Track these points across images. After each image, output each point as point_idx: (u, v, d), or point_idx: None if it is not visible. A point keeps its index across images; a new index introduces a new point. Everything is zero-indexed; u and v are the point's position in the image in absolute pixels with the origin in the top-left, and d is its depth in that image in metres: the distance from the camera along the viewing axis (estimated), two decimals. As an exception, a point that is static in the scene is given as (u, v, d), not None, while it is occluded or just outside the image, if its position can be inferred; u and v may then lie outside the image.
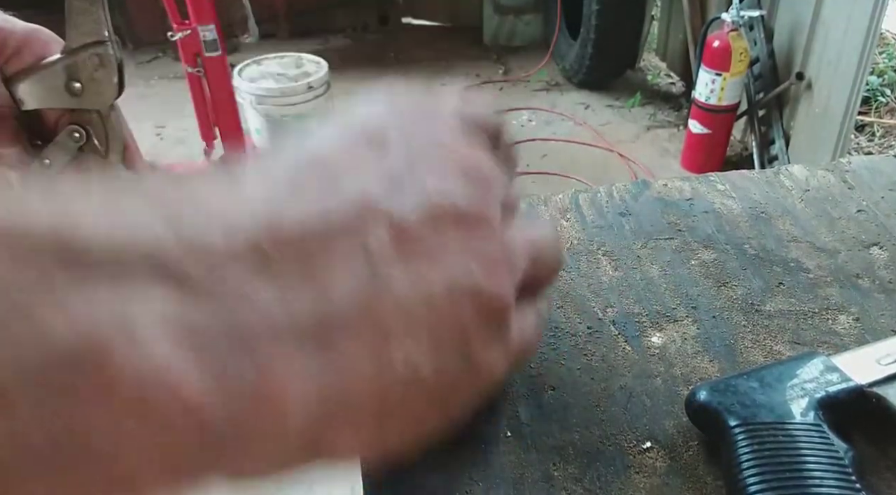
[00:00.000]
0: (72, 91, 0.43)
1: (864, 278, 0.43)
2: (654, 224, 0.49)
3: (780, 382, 0.33)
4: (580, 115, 2.97)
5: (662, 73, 3.31)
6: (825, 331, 0.40)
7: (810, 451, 0.30)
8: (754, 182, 0.53)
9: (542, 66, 3.30)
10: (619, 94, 3.12)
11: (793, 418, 0.31)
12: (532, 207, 0.51)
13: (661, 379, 0.37)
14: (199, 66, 2.23)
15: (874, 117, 2.88)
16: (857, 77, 2.05)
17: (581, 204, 0.51)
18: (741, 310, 0.41)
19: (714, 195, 0.51)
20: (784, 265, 0.45)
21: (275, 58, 2.64)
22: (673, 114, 2.98)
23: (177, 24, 2.16)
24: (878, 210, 0.49)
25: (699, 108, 2.44)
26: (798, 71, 2.30)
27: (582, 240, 0.47)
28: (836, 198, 0.51)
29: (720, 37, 2.31)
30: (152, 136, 2.79)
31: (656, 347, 0.39)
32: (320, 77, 2.54)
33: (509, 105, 3.03)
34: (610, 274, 0.44)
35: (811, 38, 2.25)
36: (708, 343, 0.39)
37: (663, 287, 0.43)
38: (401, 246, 0.20)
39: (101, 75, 0.43)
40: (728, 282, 0.43)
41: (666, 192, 0.52)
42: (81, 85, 0.43)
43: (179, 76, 2.96)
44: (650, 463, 0.33)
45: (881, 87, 2.97)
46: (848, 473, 0.29)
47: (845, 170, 0.54)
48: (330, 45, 3.59)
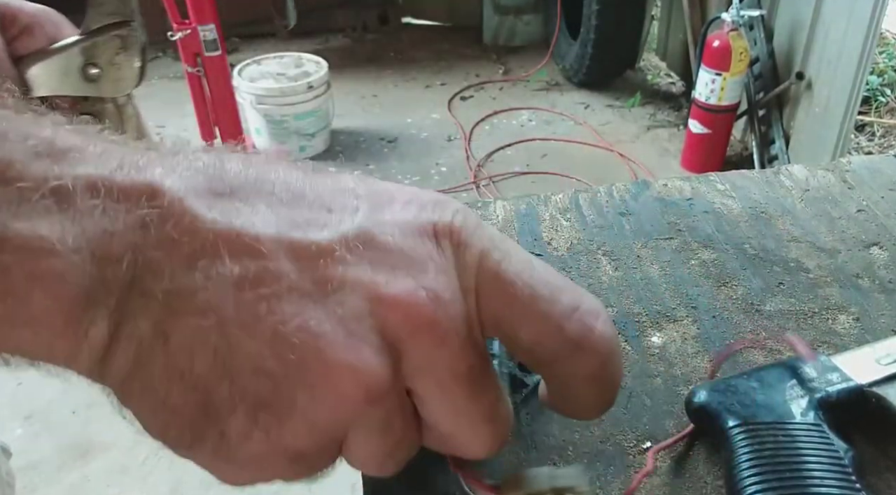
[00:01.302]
0: (88, 77, 0.39)
1: (864, 278, 0.43)
2: (653, 224, 0.49)
3: (779, 382, 0.33)
4: (580, 114, 2.97)
5: (662, 72, 3.31)
6: (825, 331, 0.40)
7: (810, 451, 0.30)
8: (754, 182, 0.53)
9: (542, 65, 3.30)
10: (619, 93, 3.12)
11: (793, 418, 0.31)
12: (532, 207, 0.51)
13: (661, 379, 0.37)
14: (199, 65, 2.23)
15: (874, 117, 2.88)
16: (857, 77, 2.05)
17: (581, 204, 0.51)
18: (741, 309, 0.41)
19: (714, 195, 0.51)
20: (784, 265, 0.45)
21: (275, 57, 2.64)
22: (673, 113, 2.98)
23: (177, 23, 2.16)
24: (878, 210, 0.49)
25: (699, 108, 2.44)
26: (798, 70, 2.30)
27: (582, 239, 0.47)
28: (835, 198, 0.51)
29: (720, 36, 2.31)
30: (153, 136, 2.79)
31: (656, 347, 0.39)
32: (320, 77, 2.54)
33: (509, 105, 3.03)
34: (610, 273, 0.44)
35: (811, 38, 2.25)
36: (708, 343, 0.39)
37: (663, 287, 0.43)
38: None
39: (122, 59, 0.39)
40: (728, 281, 0.43)
41: (666, 192, 0.52)
42: (100, 70, 0.39)
43: (179, 76, 2.96)
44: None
45: (881, 87, 2.98)
46: (848, 473, 0.29)
47: (845, 170, 0.54)
48: (330, 45, 3.59)
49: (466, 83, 3.22)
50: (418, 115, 2.98)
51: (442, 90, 3.18)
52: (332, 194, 0.22)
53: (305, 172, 0.23)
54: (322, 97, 2.56)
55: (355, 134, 2.83)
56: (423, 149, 2.74)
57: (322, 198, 0.22)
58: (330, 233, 0.21)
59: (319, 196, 0.22)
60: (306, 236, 0.21)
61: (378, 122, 2.93)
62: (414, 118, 2.95)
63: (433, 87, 3.22)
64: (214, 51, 2.22)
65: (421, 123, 2.92)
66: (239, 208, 0.20)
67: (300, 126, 2.55)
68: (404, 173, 2.58)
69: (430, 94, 3.15)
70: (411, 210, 0.23)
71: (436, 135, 2.83)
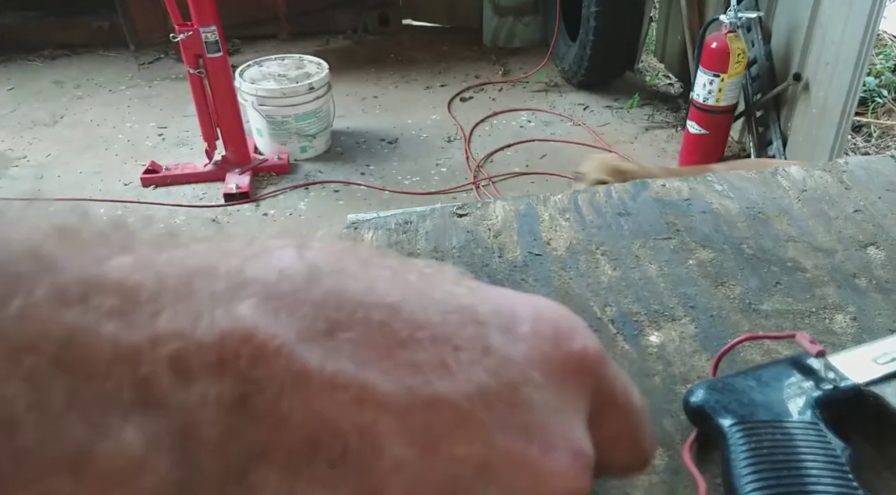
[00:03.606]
0: None
1: (861, 278, 0.44)
2: (652, 224, 0.49)
3: (777, 381, 0.33)
4: (579, 115, 2.97)
5: (661, 74, 3.32)
6: (822, 331, 0.40)
7: (807, 450, 0.30)
8: (752, 182, 0.53)
9: (541, 67, 3.30)
10: (618, 95, 3.12)
11: (790, 417, 0.31)
12: (531, 207, 0.51)
13: (660, 378, 0.37)
14: (200, 67, 2.24)
15: (871, 118, 2.89)
16: (854, 78, 2.05)
17: (580, 204, 0.51)
18: (739, 309, 0.41)
19: (712, 195, 0.52)
20: (781, 265, 0.45)
21: (276, 59, 2.64)
22: (671, 114, 2.98)
23: (179, 25, 2.16)
24: (874, 210, 0.50)
25: (697, 109, 2.44)
26: (795, 72, 2.31)
27: (581, 239, 0.48)
28: (833, 198, 0.51)
29: (718, 38, 2.31)
30: (154, 137, 2.79)
31: (655, 346, 0.39)
32: (321, 78, 2.54)
33: (508, 106, 3.03)
34: (609, 273, 0.44)
35: (809, 40, 2.26)
36: (706, 342, 0.39)
37: (661, 286, 0.43)
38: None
39: None
40: (726, 281, 0.44)
41: (664, 193, 0.52)
42: None
43: (181, 77, 2.96)
44: (649, 461, 0.33)
45: (878, 88, 2.98)
46: (845, 471, 0.29)
47: (842, 171, 0.54)
48: (331, 47, 3.59)
49: (466, 84, 3.23)
50: (418, 115, 2.98)
51: (442, 91, 3.18)
52: (451, 319, 0.17)
53: (404, 277, 0.18)
54: (323, 98, 2.57)
55: (356, 134, 2.84)
56: (423, 149, 2.74)
57: (441, 326, 0.17)
58: (463, 386, 0.16)
59: (436, 324, 0.17)
60: (436, 392, 0.16)
61: (378, 122, 2.93)
62: (414, 119, 2.95)
63: (433, 88, 3.23)
64: (216, 52, 2.22)
65: (421, 124, 2.92)
66: (351, 352, 0.16)
67: (301, 127, 2.55)
68: (404, 174, 2.58)
69: (430, 95, 3.16)
70: (546, 338, 0.18)
71: (436, 136, 2.83)
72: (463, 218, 0.50)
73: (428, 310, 0.17)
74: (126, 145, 2.77)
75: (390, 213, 0.51)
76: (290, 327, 0.15)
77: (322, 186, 2.49)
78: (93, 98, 3.12)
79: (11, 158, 2.67)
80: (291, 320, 0.15)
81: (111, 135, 2.82)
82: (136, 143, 2.78)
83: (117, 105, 3.06)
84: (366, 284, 0.17)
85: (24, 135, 2.82)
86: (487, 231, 0.49)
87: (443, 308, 0.17)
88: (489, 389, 0.16)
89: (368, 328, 0.16)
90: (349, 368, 0.15)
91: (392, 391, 0.15)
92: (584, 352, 0.19)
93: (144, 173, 2.48)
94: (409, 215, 0.51)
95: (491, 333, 0.18)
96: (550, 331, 0.19)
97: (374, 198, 2.43)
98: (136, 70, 3.38)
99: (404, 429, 0.15)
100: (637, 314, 0.41)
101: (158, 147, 2.76)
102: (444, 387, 0.16)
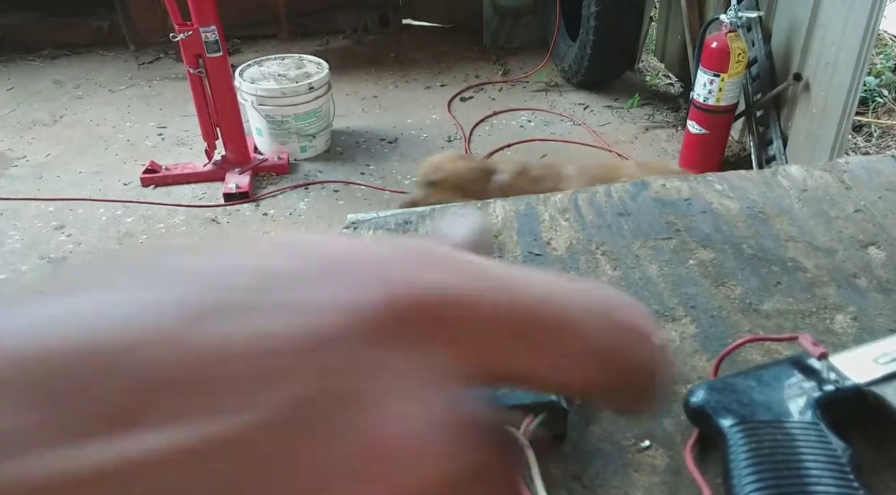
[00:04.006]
0: None
1: (861, 277, 0.44)
2: (652, 224, 0.49)
3: (777, 381, 0.33)
4: (579, 115, 2.97)
5: (661, 73, 3.32)
6: (823, 331, 0.40)
7: (808, 450, 0.30)
8: (752, 182, 0.53)
9: (541, 67, 3.30)
10: (618, 94, 3.12)
11: (790, 417, 0.31)
12: (531, 207, 0.51)
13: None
14: (200, 66, 2.24)
15: (871, 118, 2.89)
16: (854, 78, 2.05)
17: (580, 204, 0.51)
18: (739, 309, 0.41)
19: (712, 195, 0.52)
20: (782, 264, 0.45)
21: (276, 59, 2.64)
22: (671, 114, 2.98)
23: (178, 24, 2.16)
24: (875, 210, 0.50)
25: (697, 109, 2.44)
26: (796, 71, 2.31)
27: (581, 239, 0.47)
28: (833, 198, 0.51)
29: (718, 38, 2.31)
30: (154, 137, 2.79)
31: (655, 346, 0.39)
32: (321, 78, 2.54)
33: (509, 106, 3.03)
34: (609, 273, 0.44)
35: (809, 39, 2.26)
36: (706, 342, 0.39)
37: (662, 286, 0.43)
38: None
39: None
40: (726, 281, 0.44)
41: (664, 192, 0.52)
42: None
43: (181, 77, 2.96)
44: (649, 462, 0.33)
45: (878, 88, 2.98)
46: (845, 471, 0.29)
47: (843, 171, 0.54)
48: (330, 46, 3.59)
49: (466, 84, 3.23)
50: (418, 115, 2.98)
51: (442, 91, 3.18)
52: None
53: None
54: (323, 98, 2.57)
55: (356, 134, 2.84)
56: (424, 149, 2.74)
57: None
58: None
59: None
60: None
61: (378, 122, 2.93)
62: (414, 119, 2.95)
63: (433, 87, 3.23)
64: (216, 52, 2.22)
65: (421, 124, 2.92)
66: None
67: (301, 126, 2.55)
68: (404, 173, 2.58)
69: (430, 95, 3.16)
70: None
71: (436, 136, 2.83)
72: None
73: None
74: (126, 145, 2.76)
75: (390, 213, 0.51)
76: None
77: (322, 186, 2.49)
78: (93, 98, 3.12)
79: (11, 158, 2.67)
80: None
81: (111, 135, 2.82)
82: (135, 143, 2.78)
83: (117, 105, 3.06)
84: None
85: (23, 134, 2.82)
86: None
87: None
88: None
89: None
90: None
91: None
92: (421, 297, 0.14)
93: (144, 173, 2.48)
94: (408, 215, 0.51)
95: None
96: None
97: (373, 197, 2.43)
98: (135, 70, 3.38)
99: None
100: (637, 314, 0.41)
101: (158, 147, 2.76)
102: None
